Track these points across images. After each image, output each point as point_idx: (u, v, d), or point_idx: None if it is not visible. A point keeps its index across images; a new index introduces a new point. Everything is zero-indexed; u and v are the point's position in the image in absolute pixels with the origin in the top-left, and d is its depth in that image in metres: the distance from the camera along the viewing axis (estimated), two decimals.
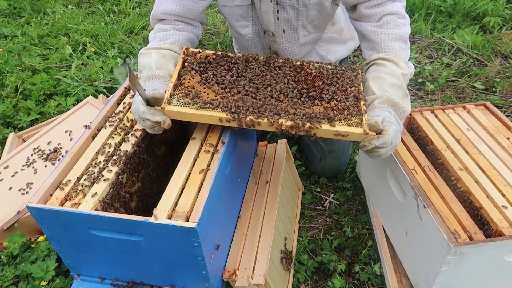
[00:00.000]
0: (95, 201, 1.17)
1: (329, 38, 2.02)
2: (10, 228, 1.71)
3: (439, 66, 3.00)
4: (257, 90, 1.35)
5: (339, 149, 2.08)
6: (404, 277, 1.54)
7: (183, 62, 1.41)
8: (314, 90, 1.38)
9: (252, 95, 1.33)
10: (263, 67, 1.42)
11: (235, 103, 1.27)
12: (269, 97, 1.33)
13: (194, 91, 1.31)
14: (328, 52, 2.06)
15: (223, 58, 1.43)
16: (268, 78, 1.38)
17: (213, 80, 1.35)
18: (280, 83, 1.37)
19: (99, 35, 3.45)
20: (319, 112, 1.29)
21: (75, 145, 1.34)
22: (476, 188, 1.36)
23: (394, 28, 1.48)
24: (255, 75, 1.38)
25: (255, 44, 1.95)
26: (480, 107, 1.76)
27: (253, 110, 1.27)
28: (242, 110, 1.26)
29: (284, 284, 1.58)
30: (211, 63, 1.41)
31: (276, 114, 1.27)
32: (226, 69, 1.40)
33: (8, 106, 2.55)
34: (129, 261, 1.26)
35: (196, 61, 1.41)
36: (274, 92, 1.34)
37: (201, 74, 1.38)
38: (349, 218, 1.96)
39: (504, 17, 3.48)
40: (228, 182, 1.40)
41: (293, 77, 1.40)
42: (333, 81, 1.40)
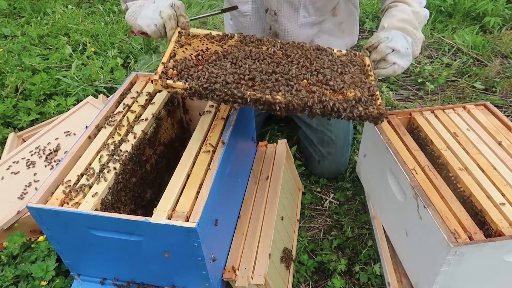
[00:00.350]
0: (95, 201, 1.17)
1: (327, 29, 2.00)
2: (10, 228, 1.71)
3: (439, 66, 3.00)
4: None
5: (338, 151, 2.08)
6: (404, 277, 1.54)
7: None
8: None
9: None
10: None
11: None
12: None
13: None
14: (326, 45, 2.03)
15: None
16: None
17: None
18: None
19: (99, 35, 3.45)
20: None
21: (75, 145, 1.34)
22: (476, 188, 1.36)
23: None
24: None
25: (254, 23, 1.92)
26: (480, 107, 1.76)
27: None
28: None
29: (284, 284, 1.58)
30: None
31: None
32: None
33: (8, 106, 2.55)
34: (129, 261, 1.26)
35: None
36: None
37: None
38: (349, 218, 1.96)
39: (504, 17, 3.48)
40: (228, 182, 1.40)
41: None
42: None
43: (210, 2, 4.07)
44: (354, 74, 1.38)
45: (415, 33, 1.53)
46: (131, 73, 1.69)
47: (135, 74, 1.69)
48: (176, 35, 1.40)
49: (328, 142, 2.07)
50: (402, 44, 1.43)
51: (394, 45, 1.42)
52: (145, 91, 1.59)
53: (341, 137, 2.08)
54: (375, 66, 1.47)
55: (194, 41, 1.41)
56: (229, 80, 1.23)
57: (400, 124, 1.67)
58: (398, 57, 1.43)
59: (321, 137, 2.08)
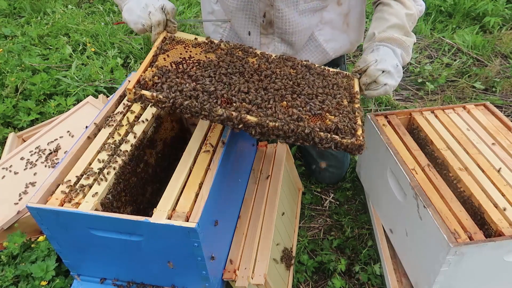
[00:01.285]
0: (95, 201, 1.17)
1: (331, 20, 1.76)
2: (10, 228, 1.71)
3: (439, 66, 3.00)
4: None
5: (338, 163, 2.07)
6: (404, 277, 1.54)
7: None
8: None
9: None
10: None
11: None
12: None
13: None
14: (327, 40, 1.80)
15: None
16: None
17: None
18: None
19: (99, 35, 3.45)
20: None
21: (75, 145, 1.34)
22: (476, 188, 1.36)
23: None
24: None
25: (243, 7, 1.66)
26: (480, 107, 1.76)
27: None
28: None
29: (284, 284, 1.58)
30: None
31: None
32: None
33: (8, 106, 2.55)
34: (129, 261, 1.26)
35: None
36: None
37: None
38: (349, 218, 1.96)
39: (504, 17, 3.48)
40: (228, 182, 1.40)
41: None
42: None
43: None
44: (339, 98, 1.32)
45: (405, 41, 1.48)
46: (131, 73, 1.69)
47: None
48: (160, 39, 1.34)
49: (328, 156, 2.05)
50: (392, 63, 1.40)
51: (383, 66, 1.38)
52: None
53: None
54: (366, 87, 1.43)
55: (178, 47, 1.35)
56: (203, 99, 1.16)
57: (400, 124, 1.67)
58: (388, 78, 1.40)
59: (320, 151, 2.06)
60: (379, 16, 1.55)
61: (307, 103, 1.25)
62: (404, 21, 1.49)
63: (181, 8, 3.86)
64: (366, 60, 1.40)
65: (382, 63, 1.39)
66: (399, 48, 1.48)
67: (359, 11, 1.81)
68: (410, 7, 1.52)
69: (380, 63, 1.39)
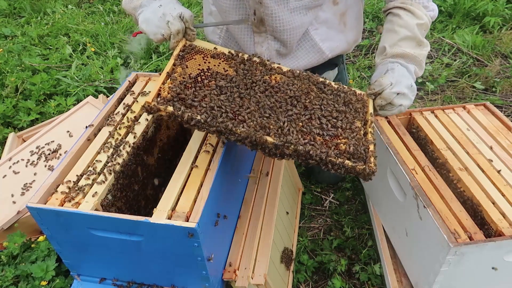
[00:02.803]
0: (95, 201, 1.17)
1: (326, 20, 1.71)
2: (10, 228, 1.71)
3: (439, 66, 3.00)
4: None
5: None
6: (404, 277, 1.54)
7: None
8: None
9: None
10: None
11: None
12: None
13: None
14: (323, 39, 1.76)
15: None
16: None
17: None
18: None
19: (99, 35, 3.46)
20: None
21: (75, 145, 1.34)
22: (476, 188, 1.36)
23: None
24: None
25: (236, 6, 1.65)
26: (480, 107, 1.76)
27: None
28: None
29: (284, 284, 1.58)
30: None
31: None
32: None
33: (8, 106, 2.55)
34: (129, 261, 1.26)
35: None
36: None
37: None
38: (349, 218, 1.96)
39: (504, 17, 3.48)
40: (228, 182, 1.40)
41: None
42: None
43: None
44: (353, 121, 1.31)
45: (417, 56, 1.47)
46: (131, 73, 1.69)
47: (135, 74, 1.69)
48: (179, 49, 1.33)
49: None
50: (407, 84, 1.39)
51: (398, 89, 1.37)
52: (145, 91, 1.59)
53: None
54: (381, 108, 1.41)
55: (197, 58, 1.33)
56: (221, 119, 1.17)
57: (400, 124, 1.67)
58: (403, 99, 1.39)
59: None
60: (389, 28, 1.52)
61: (322, 125, 1.25)
62: (415, 32, 1.47)
63: None
64: (381, 84, 1.37)
65: (397, 86, 1.37)
66: (412, 63, 1.47)
67: (356, 11, 1.79)
68: (421, 16, 1.49)
69: (396, 86, 1.37)
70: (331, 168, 1.20)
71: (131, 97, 1.56)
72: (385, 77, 1.38)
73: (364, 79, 2.86)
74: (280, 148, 1.17)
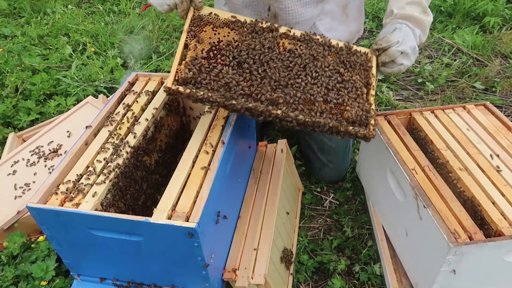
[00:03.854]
0: (95, 201, 1.17)
1: (330, 11, 1.82)
2: (10, 228, 1.71)
3: (439, 66, 3.00)
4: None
5: (338, 159, 2.07)
6: (404, 277, 1.54)
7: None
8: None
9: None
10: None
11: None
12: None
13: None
14: (327, 29, 1.84)
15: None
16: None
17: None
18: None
19: (99, 35, 3.45)
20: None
21: (75, 145, 1.34)
22: (476, 188, 1.36)
23: None
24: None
25: (249, 4, 1.74)
26: (480, 107, 1.76)
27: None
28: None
29: (284, 284, 1.58)
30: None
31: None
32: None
33: (8, 106, 2.55)
34: (129, 261, 1.26)
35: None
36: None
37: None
38: (349, 218, 1.96)
39: (504, 17, 3.48)
40: (228, 182, 1.40)
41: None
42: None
43: (210, 2, 4.07)
44: (357, 86, 1.38)
45: (424, 21, 1.53)
46: (131, 73, 1.69)
47: (135, 74, 1.69)
48: (189, 21, 1.34)
49: (329, 150, 2.05)
50: (411, 45, 1.46)
51: (403, 48, 1.44)
52: (145, 91, 1.59)
53: (341, 145, 2.06)
54: (383, 65, 1.49)
55: (207, 30, 1.35)
56: (236, 96, 1.26)
57: (400, 124, 1.67)
58: (405, 59, 1.46)
59: (321, 146, 2.06)
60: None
61: (328, 93, 1.33)
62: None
63: None
64: (389, 40, 1.44)
65: (403, 45, 1.44)
66: (418, 28, 1.53)
67: (357, 4, 1.90)
68: None
69: (402, 44, 1.44)
70: (336, 134, 1.32)
71: (131, 97, 1.57)
72: (393, 35, 1.45)
73: None
74: (290, 120, 1.27)
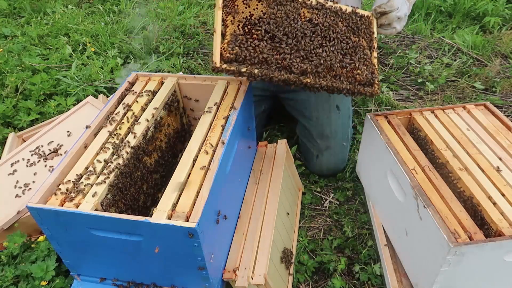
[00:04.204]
0: (95, 201, 1.17)
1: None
2: (10, 228, 1.71)
3: (439, 66, 3.00)
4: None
5: (337, 145, 2.08)
6: (404, 277, 1.54)
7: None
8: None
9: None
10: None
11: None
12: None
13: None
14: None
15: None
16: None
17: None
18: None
19: (99, 35, 3.45)
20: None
21: (75, 145, 1.34)
22: (476, 188, 1.36)
23: None
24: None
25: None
26: (480, 107, 1.76)
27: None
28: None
29: (284, 284, 1.58)
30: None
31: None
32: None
33: (8, 106, 2.55)
34: (129, 261, 1.26)
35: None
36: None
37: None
38: (349, 218, 1.96)
39: (504, 17, 3.48)
40: (228, 182, 1.40)
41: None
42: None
43: (210, 2, 4.07)
44: (363, 49, 1.58)
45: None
46: (131, 73, 1.69)
47: (135, 74, 1.69)
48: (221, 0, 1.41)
49: (328, 136, 2.07)
50: (405, 12, 1.67)
51: (400, 14, 1.64)
52: (145, 91, 1.59)
53: (340, 131, 2.09)
54: (379, 27, 1.67)
55: (239, 4, 1.43)
56: (273, 68, 1.42)
57: (400, 124, 1.67)
58: (399, 24, 1.68)
59: (321, 131, 2.09)
60: None
61: (344, 59, 1.52)
62: None
63: (181, 8, 3.86)
64: (392, 6, 1.61)
65: (400, 11, 1.64)
66: (408, 0, 1.72)
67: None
68: None
69: (400, 11, 1.63)
70: (350, 95, 1.56)
71: (131, 97, 1.56)
72: (394, 1, 1.63)
73: None
74: (317, 86, 1.47)
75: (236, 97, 1.53)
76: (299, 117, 2.21)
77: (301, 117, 2.19)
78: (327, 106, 2.11)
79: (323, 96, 2.15)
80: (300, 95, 2.18)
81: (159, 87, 1.64)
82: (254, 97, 1.81)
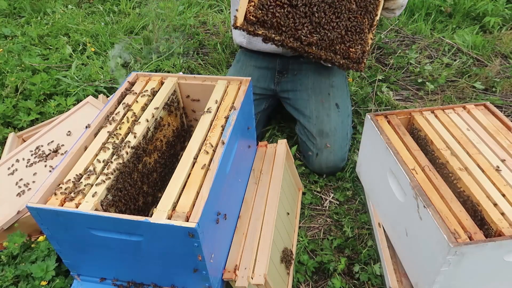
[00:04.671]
0: (95, 201, 1.17)
1: None
2: (10, 228, 1.71)
3: (439, 66, 3.00)
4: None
5: (336, 143, 2.08)
6: (404, 277, 1.54)
7: None
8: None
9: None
10: None
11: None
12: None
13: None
14: None
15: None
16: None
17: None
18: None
19: (99, 35, 3.46)
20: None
21: (75, 145, 1.34)
22: (476, 188, 1.36)
23: None
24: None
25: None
26: (480, 107, 1.76)
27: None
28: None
29: (284, 284, 1.58)
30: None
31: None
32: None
33: (8, 106, 2.55)
34: (129, 261, 1.27)
35: None
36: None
37: None
38: (349, 218, 1.96)
39: (504, 17, 3.48)
40: (228, 182, 1.40)
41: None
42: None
43: (210, 2, 4.07)
44: (363, 27, 1.70)
45: None
46: (131, 73, 1.69)
47: (135, 74, 1.69)
48: None
49: (328, 133, 2.08)
50: (407, 1, 1.87)
51: (404, 2, 1.84)
52: (145, 91, 1.59)
53: (340, 129, 2.10)
54: (385, 9, 1.82)
55: None
56: (288, 35, 1.55)
57: (400, 124, 1.67)
58: (399, 10, 1.89)
59: (321, 129, 2.09)
60: None
61: (346, 35, 1.66)
62: None
63: (181, 8, 3.86)
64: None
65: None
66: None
67: None
68: None
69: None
70: (339, 67, 1.74)
71: (131, 97, 1.56)
72: None
73: (364, 79, 2.86)
74: (315, 57, 1.64)
75: (236, 97, 1.53)
76: (299, 116, 2.21)
77: (301, 116, 2.19)
78: (327, 104, 2.12)
79: (322, 95, 2.15)
80: (300, 94, 2.18)
81: (159, 87, 1.64)
82: (254, 97, 1.81)
